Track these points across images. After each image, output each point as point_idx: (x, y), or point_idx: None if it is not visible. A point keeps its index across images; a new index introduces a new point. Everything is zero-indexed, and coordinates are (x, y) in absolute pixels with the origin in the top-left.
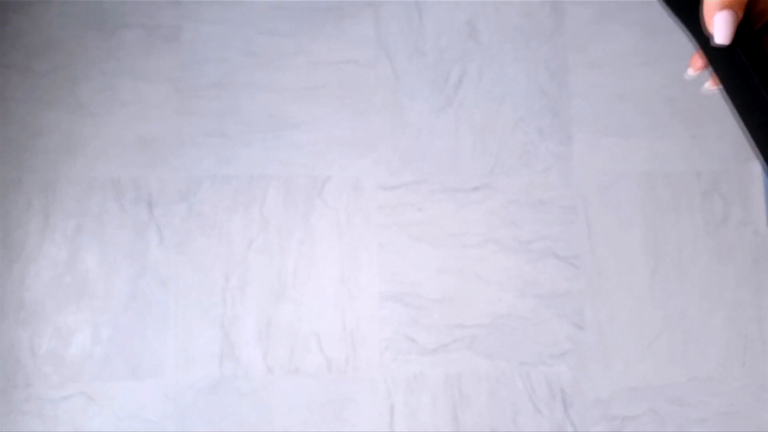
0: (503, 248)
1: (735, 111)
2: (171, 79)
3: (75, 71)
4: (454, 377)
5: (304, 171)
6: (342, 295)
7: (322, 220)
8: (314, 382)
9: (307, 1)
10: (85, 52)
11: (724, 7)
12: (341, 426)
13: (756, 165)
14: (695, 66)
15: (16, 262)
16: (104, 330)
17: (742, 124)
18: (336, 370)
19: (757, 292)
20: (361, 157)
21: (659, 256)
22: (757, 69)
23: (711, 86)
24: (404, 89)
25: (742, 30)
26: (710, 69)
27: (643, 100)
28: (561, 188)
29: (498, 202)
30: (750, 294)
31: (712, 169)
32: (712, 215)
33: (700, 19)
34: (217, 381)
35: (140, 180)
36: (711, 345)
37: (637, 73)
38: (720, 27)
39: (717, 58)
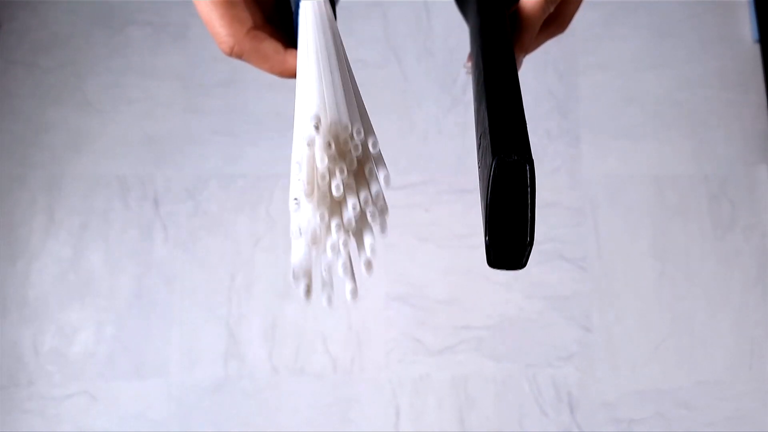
0: None
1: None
2: (178, 76)
3: (82, 68)
4: (460, 379)
5: None
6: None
7: None
8: (319, 382)
9: None
10: (92, 48)
11: None
12: (346, 427)
13: (764, 168)
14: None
15: (20, 259)
16: (108, 328)
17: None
18: (341, 371)
19: (764, 295)
20: None
21: (666, 259)
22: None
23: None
24: (412, 90)
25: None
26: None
27: (651, 102)
28: (569, 190)
29: None
30: (757, 298)
31: (720, 172)
32: (720, 219)
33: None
34: (222, 381)
35: (146, 178)
36: (718, 348)
37: (645, 76)
38: None
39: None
